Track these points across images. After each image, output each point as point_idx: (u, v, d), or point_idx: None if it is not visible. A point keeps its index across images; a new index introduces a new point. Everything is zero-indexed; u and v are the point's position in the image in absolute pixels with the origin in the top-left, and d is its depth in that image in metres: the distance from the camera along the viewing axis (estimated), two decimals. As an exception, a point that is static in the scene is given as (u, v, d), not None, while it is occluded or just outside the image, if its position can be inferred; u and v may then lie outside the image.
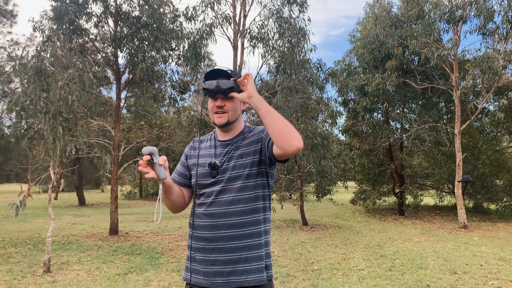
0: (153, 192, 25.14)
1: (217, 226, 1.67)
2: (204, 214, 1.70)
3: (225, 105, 1.72)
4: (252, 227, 1.69)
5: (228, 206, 1.68)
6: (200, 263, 1.70)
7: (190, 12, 9.69)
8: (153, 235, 9.06)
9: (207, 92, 1.70)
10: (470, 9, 10.62)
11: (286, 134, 1.51)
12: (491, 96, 11.53)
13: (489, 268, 5.80)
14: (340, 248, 7.52)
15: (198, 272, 1.70)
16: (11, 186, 41.57)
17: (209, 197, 1.71)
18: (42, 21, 8.66)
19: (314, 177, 11.20)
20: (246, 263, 1.66)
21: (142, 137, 16.98)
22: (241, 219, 1.68)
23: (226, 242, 1.66)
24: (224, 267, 1.65)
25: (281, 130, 1.52)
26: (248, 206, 1.69)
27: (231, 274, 1.65)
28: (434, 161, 14.83)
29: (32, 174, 8.05)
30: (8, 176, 23.63)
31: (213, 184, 1.71)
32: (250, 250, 1.68)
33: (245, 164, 1.71)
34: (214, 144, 1.82)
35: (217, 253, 1.66)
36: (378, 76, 12.18)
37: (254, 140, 1.75)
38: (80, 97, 5.39)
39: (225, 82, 1.67)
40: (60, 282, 4.99)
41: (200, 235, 1.70)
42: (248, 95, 1.62)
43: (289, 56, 9.70)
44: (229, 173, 1.70)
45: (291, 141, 1.50)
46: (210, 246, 1.67)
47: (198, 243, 1.71)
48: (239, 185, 1.69)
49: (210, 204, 1.70)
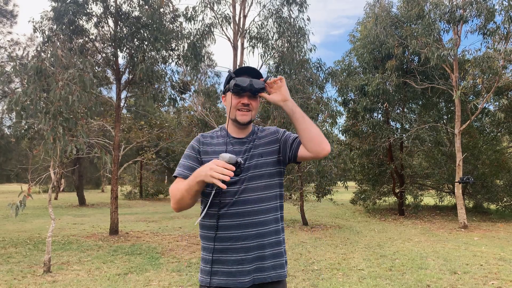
0: (152, 192, 25.12)
1: (243, 225, 1.67)
2: (229, 214, 1.68)
3: (251, 104, 1.75)
4: (274, 224, 1.73)
5: (253, 204, 1.69)
6: (224, 264, 1.68)
7: (190, 12, 9.69)
8: (153, 235, 9.06)
9: (238, 89, 1.71)
10: (471, 9, 10.61)
11: (320, 138, 1.65)
12: (491, 96, 11.53)
13: (489, 268, 5.80)
14: (340, 248, 7.52)
15: (221, 274, 1.68)
16: (11, 186, 41.59)
17: (233, 196, 1.69)
18: (42, 21, 8.66)
19: (314, 177, 11.20)
20: (271, 260, 1.70)
21: (142, 137, 16.98)
22: (265, 217, 1.70)
23: (252, 240, 1.67)
24: (251, 265, 1.67)
25: (316, 134, 1.66)
26: (270, 205, 1.73)
27: (256, 271, 1.67)
28: (434, 161, 14.83)
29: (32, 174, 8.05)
30: (8, 176, 23.64)
31: (236, 182, 1.69)
32: (274, 247, 1.72)
33: (266, 163, 1.75)
34: (228, 141, 1.79)
35: (244, 251, 1.66)
36: (378, 76, 12.18)
37: (272, 140, 1.80)
38: (80, 97, 5.39)
39: (257, 82, 1.71)
40: (60, 282, 4.99)
41: (226, 235, 1.68)
42: (283, 98, 1.71)
43: (289, 56, 9.70)
44: (251, 172, 1.72)
45: (324, 145, 1.65)
46: (237, 245, 1.67)
47: (223, 243, 1.68)
48: (261, 184, 1.72)
49: (234, 204, 1.68)
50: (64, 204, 19.84)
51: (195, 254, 6.83)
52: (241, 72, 1.76)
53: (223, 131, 1.84)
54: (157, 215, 14.01)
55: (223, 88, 1.86)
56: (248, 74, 1.76)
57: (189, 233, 9.38)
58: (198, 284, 5.16)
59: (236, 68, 1.86)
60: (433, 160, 14.89)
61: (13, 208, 5.10)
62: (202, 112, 10.98)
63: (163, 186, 26.15)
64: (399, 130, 14.64)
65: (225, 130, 1.84)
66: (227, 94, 1.79)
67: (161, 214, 14.62)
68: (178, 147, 23.71)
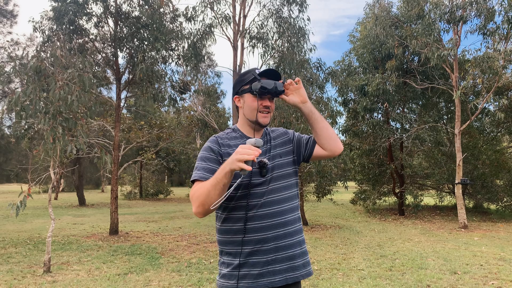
0: (152, 192, 25.13)
1: (272, 226, 1.68)
2: (258, 216, 1.67)
3: (271, 106, 1.78)
4: (298, 223, 1.77)
5: (280, 204, 1.71)
6: (254, 266, 1.66)
7: (190, 12, 9.70)
8: (153, 235, 9.06)
9: (264, 91, 1.72)
10: (471, 9, 10.61)
11: (336, 138, 1.79)
12: (491, 96, 11.52)
13: (489, 268, 5.80)
14: (340, 248, 7.52)
15: (250, 276, 1.66)
16: (11, 186, 41.61)
17: (260, 197, 1.68)
18: (42, 21, 8.66)
19: (314, 177, 11.19)
20: (299, 258, 1.73)
21: (142, 137, 16.98)
22: (290, 216, 1.74)
23: (282, 240, 1.69)
24: (281, 265, 1.68)
25: (333, 134, 1.78)
26: (292, 204, 1.76)
27: (287, 271, 1.69)
28: (434, 161, 14.83)
29: (32, 174, 8.06)
30: (8, 176, 23.66)
31: (263, 183, 1.70)
32: (300, 246, 1.75)
33: (285, 164, 1.80)
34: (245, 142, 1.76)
35: (274, 252, 1.67)
36: (378, 76, 12.18)
37: (285, 140, 1.86)
38: (80, 97, 5.39)
39: (280, 85, 1.75)
40: (60, 282, 4.99)
41: (255, 238, 1.66)
42: (303, 100, 1.78)
43: (289, 56, 9.70)
44: (275, 172, 1.75)
45: (339, 144, 1.79)
46: (267, 247, 1.67)
47: (252, 246, 1.66)
48: (283, 184, 1.75)
49: (262, 205, 1.68)
50: (64, 204, 19.84)
51: (195, 254, 6.83)
52: (263, 74, 1.77)
53: (238, 132, 1.82)
54: (157, 215, 14.01)
55: (237, 89, 1.83)
56: (270, 76, 1.77)
57: (189, 233, 9.38)
58: (197, 284, 5.13)
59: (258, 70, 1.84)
60: (433, 160, 14.89)
61: (13, 208, 5.10)
62: (202, 112, 10.98)
63: (163, 186, 26.16)
64: (399, 130, 14.64)
65: (239, 131, 1.83)
66: (245, 95, 1.78)
67: (161, 214, 14.62)
68: (178, 147, 23.73)
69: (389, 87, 12.47)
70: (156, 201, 23.11)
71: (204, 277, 5.23)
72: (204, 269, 5.67)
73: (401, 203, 14.02)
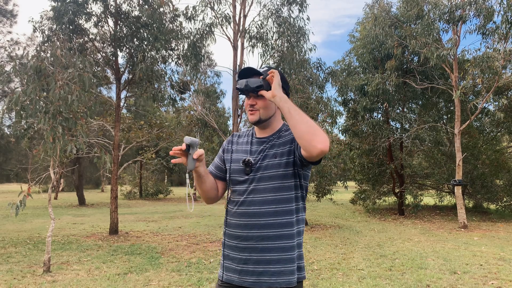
0: (152, 192, 25.13)
1: (249, 225, 1.67)
2: (236, 213, 1.71)
3: (256, 103, 1.73)
4: (285, 228, 1.67)
5: (260, 206, 1.66)
6: (232, 261, 1.71)
7: (190, 11, 9.69)
8: (153, 235, 9.06)
9: (238, 92, 1.74)
10: (470, 9, 10.61)
11: (309, 135, 1.47)
12: (491, 96, 11.53)
13: (489, 268, 5.80)
14: (340, 248, 7.52)
15: (231, 270, 1.72)
16: (11, 186, 41.59)
17: (241, 195, 1.71)
18: (42, 21, 8.66)
19: (314, 177, 11.19)
20: (278, 265, 1.64)
21: (142, 137, 16.98)
22: (274, 219, 1.66)
23: (258, 241, 1.65)
24: (256, 267, 1.65)
25: (304, 131, 1.48)
26: (281, 207, 1.67)
27: (262, 274, 1.64)
28: (434, 161, 14.84)
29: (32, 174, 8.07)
30: (8, 176, 23.66)
31: (245, 181, 1.71)
32: (282, 252, 1.65)
33: (280, 164, 1.69)
34: (250, 140, 1.82)
35: (249, 252, 1.66)
36: (378, 76, 12.18)
37: (288, 140, 1.72)
38: (80, 96, 5.38)
39: (254, 81, 1.67)
40: (60, 282, 4.99)
41: (233, 233, 1.71)
42: (272, 94, 1.59)
43: (288, 55, 9.70)
44: (261, 172, 1.69)
45: (314, 143, 1.46)
46: (242, 245, 1.68)
47: (231, 241, 1.73)
48: (272, 185, 1.67)
49: (242, 203, 1.70)
50: (64, 204, 19.84)
51: (195, 254, 6.83)
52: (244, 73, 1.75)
53: (251, 131, 1.89)
54: (157, 215, 14.01)
55: None
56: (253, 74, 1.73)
57: (189, 233, 9.38)
58: (197, 284, 5.15)
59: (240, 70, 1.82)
60: (433, 160, 14.90)
61: (13, 207, 5.10)
62: (201, 111, 10.98)
63: (163, 186, 26.17)
64: (399, 130, 14.64)
65: (252, 130, 1.88)
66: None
67: (161, 214, 14.62)
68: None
69: (388, 87, 12.48)
70: (156, 200, 23.11)
71: (204, 277, 5.23)
72: (204, 269, 5.67)
73: (401, 203, 14.03)
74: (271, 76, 1.62)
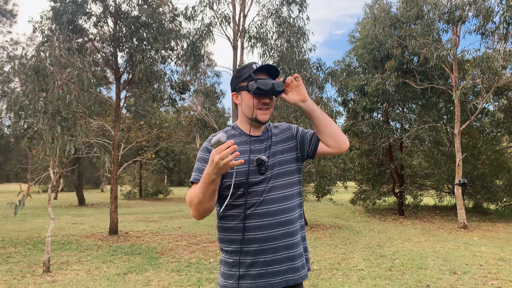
0: (152, 192, 25.12)
1: (272, 225, 1.63)
2: (256, 214, 1.62)
3: (269, 103, 1.73)
4: (298, 222, 1.72)
5: (280, 203, 1.65)
6: (253, 266, 1.62)
7: (190, 11, 9.69)
8: (153, 235, 9.05)
9: (260, 92, 1.65)
10: (469, 9, 10.61)
11: (340, 135, 1.72)
12: (491, 96, 11.52)
13: (489, 268, 5.80)
14: (340, 248, 7.51)
15: (250, 276, 1.62)
16: (11, 186, 41.57)
17: (260, 195, 1.64)
18: (42, 21, 8.65)
19: (314, 177, 11.19)
20: (299, 259, 1.68)
21: (141, 137, 16.97)
22: (291, 215, 1.68)
23: (281, 240, 1.63)
24: (281, 266, 1.63)
25: (337, 131, 1.72)
26: (293, 202, 1.71)
27: (289, 272, 1.64)
28: (434, 161, 14.82)
29: (32, 174, 8.06)
30: (7, 176, 23.64)
31: (263, 181, 1.65)
32: (300, 245, 1.70)
33: (288, 161, 1.73)
34: (246, 139, 1.74)
35: (273, 252, 1.62)
36: (377, 76, 12.17)
37: (288, 136, 1.79)
38: (79, 96, 5.38)
39: (278, 84, 1.68)
40: (60, 282, 4.98)
41: (255, 237, 1.62)
42: (302, 99, 1.72)
43: (288, 55, 9.70)
44: (276, 170, 1.68)
45: (344, 140, 1.73)
46: (266, 246, 1.62)
47: (251, 245, 1.62)
48: (284, 182, 1.69)
49: (261, 203, 1.63)
50: (63, 204, 19.83)
51: (194, 254, 6.83)
52: (260, 70, 1.70)
53: (237, 130, 1.78)
54: (157, 215, 14.00)
55: (235, 85, 1.78)
56: (267, 73, 1.71)
57: (189, 233, 9.37)
58: (197, 284, 5.12)
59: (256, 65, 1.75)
60: (433, 160, 14.88)
61: (12, 207, 5.09)
62: (201, 111, 10.98)
63: (163, 186, 26.16)
64: (398, 130, 14.63)
65: (238, 129, 1.78)
66: (242, 93, 1.73)
67: (161, 214, 14.61)
68: (178, 147, 23.73)
69: (388, 87, 12.47)
70: (155, 201, 23.09)
71: (203, 277, 5.22)
72: (204, 269, 5.66)
73: (401, 203, 14.02)
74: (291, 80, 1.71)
